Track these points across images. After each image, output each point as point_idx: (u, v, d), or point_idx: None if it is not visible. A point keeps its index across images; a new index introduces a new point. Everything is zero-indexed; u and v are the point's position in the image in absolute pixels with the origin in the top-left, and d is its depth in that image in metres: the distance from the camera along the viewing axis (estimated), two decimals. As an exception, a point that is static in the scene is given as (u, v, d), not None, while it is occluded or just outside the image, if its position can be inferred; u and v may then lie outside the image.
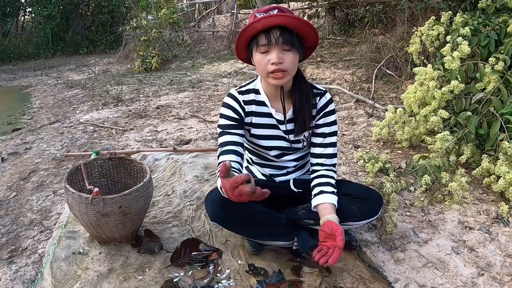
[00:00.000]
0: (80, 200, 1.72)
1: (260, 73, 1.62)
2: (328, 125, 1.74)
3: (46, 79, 9.03)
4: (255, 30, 1.50)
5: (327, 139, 1.74)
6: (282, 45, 1.48)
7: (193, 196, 2.40)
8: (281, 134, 1.76)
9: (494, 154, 2.41)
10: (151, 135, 3.82)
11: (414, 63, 3.64)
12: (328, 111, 1.74)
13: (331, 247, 1.49)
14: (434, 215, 2.18)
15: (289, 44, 1.49)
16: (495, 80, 2.53)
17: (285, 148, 1.79)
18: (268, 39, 1.48)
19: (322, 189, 1.67)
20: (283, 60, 1.49)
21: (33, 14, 17.01)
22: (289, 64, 1.51)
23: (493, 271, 1.74)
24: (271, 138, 1.77)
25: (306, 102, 1.67)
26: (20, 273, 1.85)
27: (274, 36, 1.47)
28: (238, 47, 1.61)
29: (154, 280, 1.68)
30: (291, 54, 1.51)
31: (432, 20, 3.40)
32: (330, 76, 5.66)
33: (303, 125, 1.69)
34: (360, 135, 3.45)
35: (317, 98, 1.73)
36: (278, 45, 1.48)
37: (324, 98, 1.74)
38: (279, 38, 1.47)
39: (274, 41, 1.48)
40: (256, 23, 1.47)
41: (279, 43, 1.48)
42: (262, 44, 1.50)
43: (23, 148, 3.66)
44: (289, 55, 1.51)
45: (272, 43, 1.48)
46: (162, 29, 9.57)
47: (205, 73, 7.53)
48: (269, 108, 1.73)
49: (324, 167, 1.74)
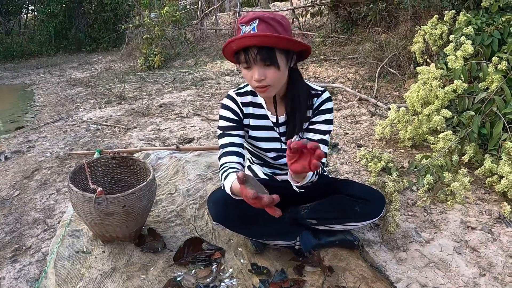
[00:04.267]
0: (84, 199, 1.73)
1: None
2: (321, 122, 1.68)
3: (49, 77, 9.05)
4: (231, 50, 1.49)
5: (317, 136, 1.68)
6: (261, 62, 1.45)
7: (196, 195, 2.41)
8: (277, 136, 1.76)
9: (497, 154, 2.41)
10: (154, 134, 3.83)
11: (417, 62, 3.63)
12: (322, 110, 1.69)
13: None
14: (436, 215, 2.18)
15: (268, 60, 1.44)
16: (498, 79, 2.52)
17: (282, 150, 1.78)
18: (246, 58, 1.45)
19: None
20: (265, 76, 1.46)
21: (35, 12, 17.07)
22: (272, 79, 1.47)
23: (495, 272, 1.74)
24: (268, 140, 1.76)
25: (298, 106, 1.64)
26: (24, 272, 1.86)
27: (251, 55, 1.43)
28: (226, 57, 1.59)
29: (157, 279, 1.69)
30: (274, 68, 1.46)
31: (435, 19, 3.40)
32: (332, 74, 5.65)
33: (294, 129, 1.66)
34: (362, 134, 3.45)
35: (314, 99, 1.70)
36: (257, 63, 1.45)
37: (320, 98, 1.69)
38: (256, 57, 1.43)
39: (252, 60, 1.44)
40: (232, 43, 1.45)
41: (258, 61, 1.44)
42: (243, 61, 1.48)
43: (26, 147, 3.68)
44: (271, 70, 1.46)
45: (251, 62, 1.45)
46: (164, 27, 9.56)
47: (208, 71, 7.53)
48: (266, 110, 1.73)
49: None
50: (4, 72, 10.79)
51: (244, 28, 1.45)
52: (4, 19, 15.50)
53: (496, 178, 2.32)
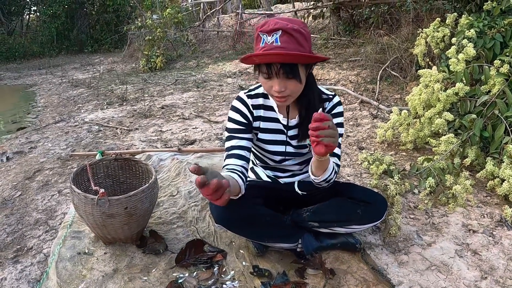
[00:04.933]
0: (86, 201, 1.73)
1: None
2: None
3: (51, 78, 9.07)
4: (254, 62, 1.49)
5: None
6: (284, 75, 1.45)
7: (198, 197, 2.41)
8: (286, 139, 1.76)
9: (499, 157, 2.41)
10: (156, 135, 3.83)
11: (419, 65, 3.64)
12: (334, 113, 1.72)
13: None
14: (438, 218, 2.18)
15: (290, 74, 1.45)
16: (500, 82, 2.52)
17: (289, 153, 1.79)
18: (268, 71, 1.46)
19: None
20: (286, 87, 1.47)
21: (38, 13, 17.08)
22: (292, 90, 1.49)
23: (496, 275, 1.74)
24: (277, 143, 1.77)
25: (312, 109, 1.66)
26: (25, 273, 1.86)
27: (274, 69, 1.44)
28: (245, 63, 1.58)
29: (159, 281, 1.69)
30: (294, 81, 1.48)
31: (437, 21, 3.40)
32: (334, 76, 5.66)
33: (307, 132, 1.68)
34: (364, 136, 3.45)
35: (325, 103, 1.72)
36: (279, 77, 1.45)
37: (331, 102, 1.72)
38: (279, 71, 1.44)
39: (275, 73, 1.45)
40: (255, 57, 1.43)
41: (280, 74, 1.45)
42: (264, 72, 1.48)
43: (28, 147, 3.68)
44: (291, 83, 1.47)
45: (273, 75, 1.46)
46: (166, 29, 9.58)
47: (210, 73, 7.54)
48: (277, 114, 1.73)
49: None
50: (6, 73, 10.80)
51: (265, 38, 1.43)
52: (7, 20, 15.52)
53: (498, 181, 2.32)
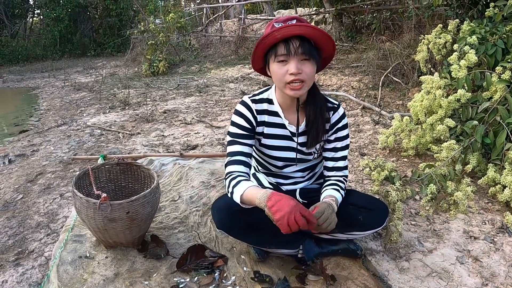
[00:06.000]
0: (88, 205, 1.74)
1: (276, 84, 1.60)
2: (340, 139, 1.74)
3: (54, 81, 9.11)
4: (274, 39, 1.49)
5: (339, 153, 1.75)
6: (301, 55, 1.47)
7: (200, 202, 2.41)
8: (294, 146, 1.75)
9: (500, 164, 2.41)
10: (158, 140, 3.84)
11: (421, 71, 3.64)
12: (341, 126, 1.73)
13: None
14: (439, 224, 2.18)
15: (308, 54, 1.47)
16: (502, 89, 2.53)
17: (294, 159, 1.79)
18: (287, 48, 1.47)
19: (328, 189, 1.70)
20: (302, 70, 1.48)
21: (41, 16, 17.20)
22: (308, 74, 1.50)
23: (497, 281, 1.74)
24: (282, 149, 1.76)
25: (320, 115, 1.67)
26: (26, 276, 1.87)
27: (293, 46, 1.46)
28: (255, 55, 1.59)
29: (160, 286, 1.69)
30: (310, 64, 1.50)
31: (439, 28, 3.41)
32: (336, 82, 5.67)
33: (316, 138, 1.69)
34: (366, 142, 3.45)
35: (331, 113, 1.72)
36: (297, 55, 1.47)
37: (337, 113, 1.73)
38: (298, 48, 1.46)
39: (294, 51, 1.46)
40: (276, 32, 1.46)
41: (298, 53, 1.47)
42: (281, 54, 1.49)
43: (30, 150, 3.69)
44: (307, 65, 1.49)
45: (292, 53, 1.47)
46: (169, 33, 9.63)
47: (212, 78, 7.56)
48: (283, 119, 1.72)
49: (335, 178, 1.76)
50: (9, 75, 10.86)
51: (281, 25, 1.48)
52: (10, 23, 15.62)
53: (499, 188, 2.32)
